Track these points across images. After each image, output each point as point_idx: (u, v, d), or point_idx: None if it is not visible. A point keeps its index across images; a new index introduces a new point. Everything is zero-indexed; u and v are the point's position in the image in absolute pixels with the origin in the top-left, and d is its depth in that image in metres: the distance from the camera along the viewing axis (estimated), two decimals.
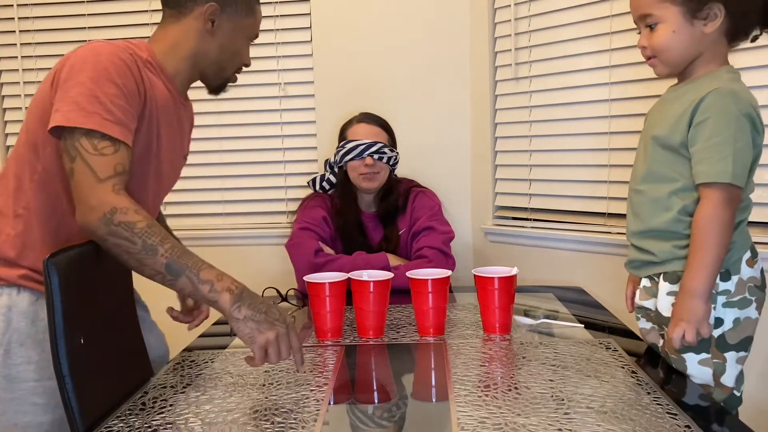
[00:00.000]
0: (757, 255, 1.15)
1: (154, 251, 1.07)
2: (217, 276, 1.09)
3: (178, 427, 0.96)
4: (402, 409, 1.03)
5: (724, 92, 1.07)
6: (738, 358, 1.13)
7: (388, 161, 1.91)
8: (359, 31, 2.30)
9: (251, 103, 2.37)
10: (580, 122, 1.99)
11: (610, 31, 1.87)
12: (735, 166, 1.05)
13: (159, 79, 1.28)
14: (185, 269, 1.08)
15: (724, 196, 1.06)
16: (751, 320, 1.13)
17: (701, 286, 1.07)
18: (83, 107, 1.11)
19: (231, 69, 1.36)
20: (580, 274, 1.99)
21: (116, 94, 1.14)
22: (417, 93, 2.29)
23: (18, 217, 1.21)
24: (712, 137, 1.07)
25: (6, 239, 1.21)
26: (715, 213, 1.07)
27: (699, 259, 1.07)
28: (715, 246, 1.06)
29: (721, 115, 1.07)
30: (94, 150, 1.11)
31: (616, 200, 1.90)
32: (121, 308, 1.25)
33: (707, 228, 1.07)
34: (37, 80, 2.41)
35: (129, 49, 1.22)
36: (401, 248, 1.91)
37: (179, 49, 1.30)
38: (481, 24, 2.21)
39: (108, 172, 1.11)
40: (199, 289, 1.08)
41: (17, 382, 1.18)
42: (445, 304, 1.36)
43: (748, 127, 1.07)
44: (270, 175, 2.39)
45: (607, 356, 1.19)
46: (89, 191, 1.10)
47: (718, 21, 1.09)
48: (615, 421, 0.93)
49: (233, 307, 1.07)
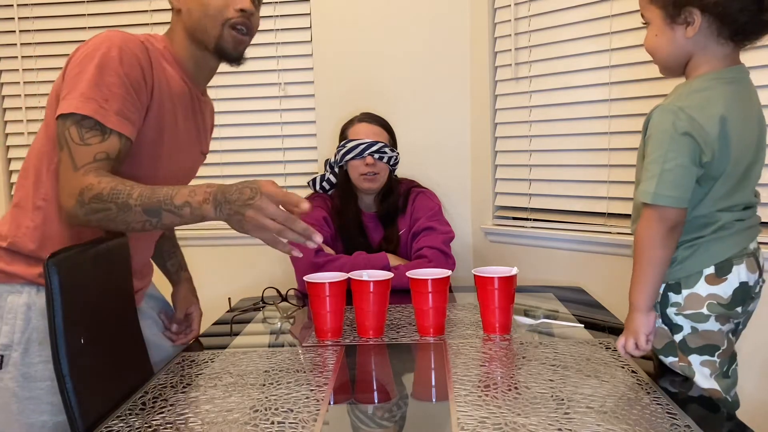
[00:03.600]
0: (727, 273, 1.10)
1: (127, 206, 1.09)
2: (189, 194, 1.10)
3: (178, 427, 0.96)
4: (402, 409, 1.03)
5: (666, 110, 1.07)
6: (702, 361, 1.11)
7: (389, 161, 1.91)
8: (359, 31, 2.30)
9: (251, 103, 2.37)
10: (580, 122, 1.99)
11: (610, 31, 1.87)
12: (659, 186, 1.05)
13: (174, 70, 1.29)
14: (160, 205, 1.09)
15: (653, 215, 1.07)
16: (714, 332, 1.11)
17: (636, 300, 1.10)
18: (82, 93, 1.13)
19: (213, 22, 1.27)
20: (580, 274, 1.99)
21: (119, 83, 1.15)
22: (417, 93, 2.29)
23: (37, 209, 1.23)
24: (649, 155, 1.08)
25: (26, 232, 1.22)
26: (644, 231, 1.09)
27: (633, 273, 1.11)
28: (644, 262, 1.09)
29: (657, 134, 1.07)
30: (80, 140, 1.13)
31: (616, 200, 1.90)
32: (121, 308, 1.25)
33: (638, 244, 1.10)
34: (38, 80, 2.41)
35: (143, 40, 1.23)
36: (401, 248, 1.91)
37: (175, 35, 1.32)
38: (481, 24, 2.21)
39: (86, 159, 1.12)
40: (182, 216, 1.10)
41: (35, 381, 1.18)
42: (445, 304, 1.36)
43: (686, 146, 1.05)
44: (270, 175, 2.39)
45: (607, 356, 1.19)
46: (65, 181, 1.13)
47: (697, 25, 1.07)
48: (615, 421, 0.93)
49: (217, 212, 1.09)
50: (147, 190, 1.10)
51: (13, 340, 1.19)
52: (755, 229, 1.16)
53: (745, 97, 1.12)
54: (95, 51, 1.16)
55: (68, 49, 2.38)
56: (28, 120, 2.43)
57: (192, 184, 1.13)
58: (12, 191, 2.47)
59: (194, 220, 1.10)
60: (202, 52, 1.32)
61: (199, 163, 1.47)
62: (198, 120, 1.39)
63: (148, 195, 1.09)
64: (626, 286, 1.11)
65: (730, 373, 1.15)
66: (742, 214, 1.13)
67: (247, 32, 1.31)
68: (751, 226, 1.15)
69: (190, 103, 1.34)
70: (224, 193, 1.08)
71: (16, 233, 1.23)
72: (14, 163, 2.47)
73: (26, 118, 2.43)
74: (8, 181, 2.47)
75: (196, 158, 1.44)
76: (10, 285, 1.22)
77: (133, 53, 1.18)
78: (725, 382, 1.13)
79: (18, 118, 2.44)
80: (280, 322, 1.54)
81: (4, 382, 1.18)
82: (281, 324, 1.52)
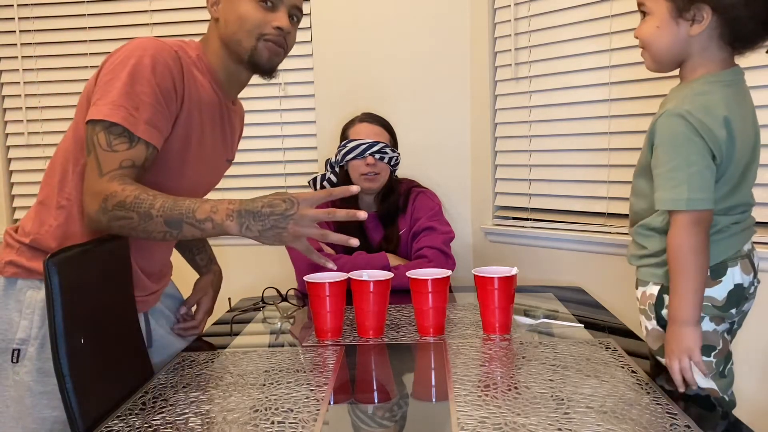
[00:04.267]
0: (722, 276, 1.10)
1: (149, 216, 1.10)
2: (212, 209, 1.11)
3: (178, 427, 0.96)
4: (402, 409, 1.03)
5: (673, 114, 1.05)
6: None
7: (389, 161, 1.91)
8: (359, 31, 2.30)
9: (251, 103, 2.36)
10: (580, 122, 1.99)
11: (610, 31, 1.87)
12: (690, 191, 1.03)
13: (206, 79, 1.30)
14: (182, 218, 1.10)
15: (689, 221, 1.05)
16: (709, 333, 1.11)
17: (684, 314, 1.05)
18: (113, 100, 1.14)
19: (249, 38, 1.27)
20: (580, 274, 1.99)
21: (150, 92, 1.16)
22: (417, 93, 2.29)
23: (61, 208, 1.24)
24: (666, 163, 1.06)
25: (48, 230, 1.24)
26: (681, 239, 1.06)
27: (675, 286, 1.06)
28: (690, 271, 1.05)
29: (670, 140, 1.05)
30: (107, 146, 1.14)
31: (616, 200, 1.90)
32: (121, 308, 1.25)
33: (677, 254, 1.06)
34: (38, 80, 2.41)
35: (177, 48, 1.24)
36: (401, 248, 1.91)
37: (210, 43, 1.32)
38: (481, 24, 2.21)
39: (111, 166, 1.14)
40: (204, 230, 1.11)
41: (50, 376, 1.17)
42: (445, 304, 1.36)
43: (702, 147, 1.04)
44: (270, 175, 2.39)
45: (607, 356, 1.19)
46: (90, 186, 1.15)
47: (705, 24, 1.06)
48: (615, 421, 0.93)
49: (242, 229, 1.10)
50: (169, 201, 1.11)
51: (30, 335, 1.20)
52: (750, 231, 1.15)
53: (741, 98, 1.12)
54: (128, 58, 1.17)
55: (68, 49, 2.40)
56: (28, 120, 2.43)
57: (213, 198, 1.14)
58: (12, 191, 2.48)
59: (215, 234, 1.12)
60: (235, 65, 1.32)
61: (224, 170, 1.48)
62: (226, 128, 1.40)
63: (170, 206, 1.10)
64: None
65: (726, 373, 1.15)
66: (738, 217, 1.12)
67: (282, 48, 1.32)
68: (746, 227, 1.14)
69: (219, 112, 1.35)
70: (249, 210, 1.10)
71: (39, 230, 1.24)
72: (14, 163, 2.47)
73: (26, 118, 2.43)
74: (8, 181, 2.47)
75: (221, 166, 1.45)
76: (30, 281, 1.23)
77: (165, 63, 1.19)
78: (722, 381, 1.14)
79: (18, 118, 2.44)
80: (280, 322, 1.54)
81: (20, 376, 1.20)
82: (281, 324, 1.52)
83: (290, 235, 1.10)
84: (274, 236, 1.10)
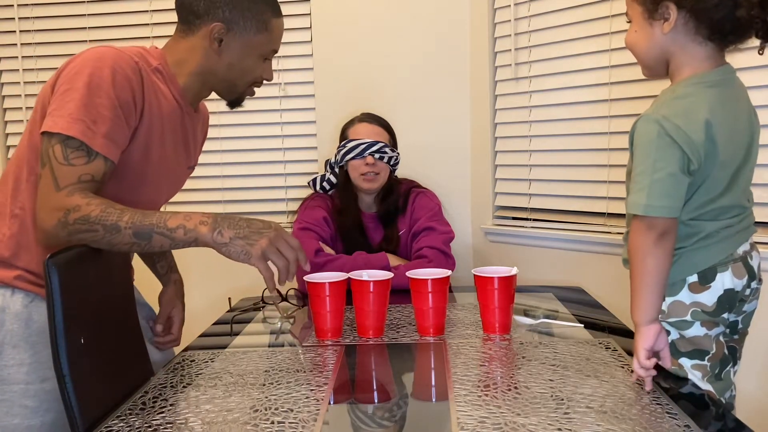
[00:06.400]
0: (711, 281, 1.10)
1: (116, 229, 1.09)
2: (184, 217, 1.11)
3: (178, 427, 0.96)
4: (402, 409, 1.03)
5: (650, 119, 1.06)
6: (692, 365, 1.12)
7: (389, 161, 1.92)
8: (359, 32, 2.30)
9: (251, 103, 2.33)
10: (580, 122, 1.99)
11: (610, 31, 1.87)
12: (649, 198, 1.04)
13: (167, 88, 1.27)
14: (152, 228, 1.10)
15: (641, 225, 1.06)
16: (700, 337, 1.11)
17: (633, 315, 1.08)
18: (70, 113, 1.11)
19: (243, 85, 1.34)
20: (580, 274, 1.99)
21: (108, 105, 1.13)
22: (417, 93, 2.29)
23: (14, 217, 1.21)
24: (637, 167, 1.07)
25: (1, 239, 1.21)
26: (634, 242, 1.07)
27: (631, 288, 1.09)
28: (636, 273, 1.07)
29: (643, 145, 1.06)
30: (64, 159, 1.11)
31: (616, 200, 1.90)
32: (121, 308, 1.25)
33: (630, 257, 1.08)
34: (38, 80, 2.41)
35: (137, 56, 1.21)
36: (401, 248, 1.91)
37: (186, 65, 1.29)
38: (481, 24, 2.21)
39: (69, 180, 1.11)
40: (174, 238, 1.10)
41: (8, 384, 1.17)
42: (445, 304, 1.36)
43: (674, 155, 1.03)
44: (270, 175, 2.40)
45: (607, 356, 1.19)
46: (46, 200, 1.11)
47: (672, 20, 1.06)
48: (615, 420, 0.93)
49: (214, 234, 1.10)
50: (139, 215, 1.10)
51: None
52: (745, 233, 1.14)
53: (731, 98, 1.10)
54: (86, 68, 1.13)
55: (68, 49, 2.40)
56: (28, 120, 2.43)
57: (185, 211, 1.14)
58: None
59: (186, 242, 1.11)
60: (207, 90, 1.34)
61: (185, 177, 1.45)
62: (188, 136, 1.38)
63: (140, 219, 1.10)
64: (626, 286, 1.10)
65: (722, 376, 1.14)
66: (730, 221, 1.11)
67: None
68: (740, 230, 1.12)
69: (181, 121, 1.32)
70: (227, 218, 1.11)
71: None
72: None
73: (26, 118, 2.43)
74: None
75: (181, 174, 1.42)
76: None
77: (125, 74, 1.16)
78: (718, 384, 1.13)
79: (18, 118, 2.44)
80: (280, 322, 1.54)
81: None
82: (281, 324, 1.52)
83: (258, 249, 1.10)
84: (243, 246, 1.10)
